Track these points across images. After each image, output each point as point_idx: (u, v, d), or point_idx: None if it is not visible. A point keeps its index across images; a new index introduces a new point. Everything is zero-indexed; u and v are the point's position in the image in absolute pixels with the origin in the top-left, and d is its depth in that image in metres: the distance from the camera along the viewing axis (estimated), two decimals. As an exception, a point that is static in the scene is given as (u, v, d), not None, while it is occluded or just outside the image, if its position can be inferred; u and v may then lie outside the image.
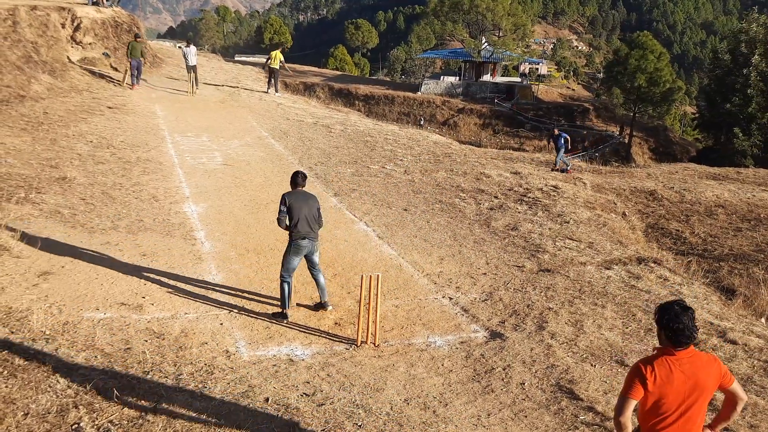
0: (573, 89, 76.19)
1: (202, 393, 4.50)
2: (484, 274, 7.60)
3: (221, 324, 5.78)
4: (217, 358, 5.10)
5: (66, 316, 5.37)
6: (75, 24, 18.29)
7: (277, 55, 20.42)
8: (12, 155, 9.66)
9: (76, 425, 3.83)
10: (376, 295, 5.62)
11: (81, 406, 4.02)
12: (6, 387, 4.05)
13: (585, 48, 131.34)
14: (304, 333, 5.81)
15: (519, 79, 57.20)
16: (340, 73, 65.58)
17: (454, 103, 46.95)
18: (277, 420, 4.27)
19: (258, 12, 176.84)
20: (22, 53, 14.54)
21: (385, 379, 5.06)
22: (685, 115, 63.18)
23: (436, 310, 6.50)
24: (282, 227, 5.93)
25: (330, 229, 8.50)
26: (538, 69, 69.96)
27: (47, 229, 7.29)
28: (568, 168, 14.86)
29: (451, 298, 6.83)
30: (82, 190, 8.86)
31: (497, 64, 54.41)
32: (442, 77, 54.42)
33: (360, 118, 21.57)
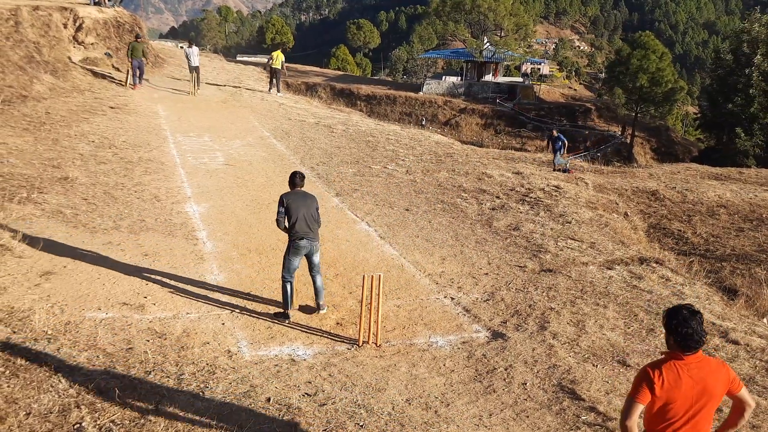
0: (575, 89, 76.20)
1: (203, 393, 4.50)
2: (486, 274, 7.59)
3: (223, 324, 5.78)
4: (219, 358, 5.10)
5: (68, 316, 5.38)
6: (77, 24, 18.33)
7: (279, 55, 20.44)
8: (14, 155, 9.67)
9: (78, 425, 3.84)
10: (378, 295, 5.62)
11: (83, 406, 4.02)
12: (8, 386, 4.06)
13: (587, 48, 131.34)
14: (306, 333, 5.81)
15: (521, 79, 57.18)
16: (342, 73, 65.65)
17: (456, 103, 46.95)
18: (278, 420, 4.27)
19: (260, 12, 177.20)
20: (25, 53, 14.57)
21: (387, 379, 5.06)
22: (687, 115, 63.17)
23: (438, 310, 6.50)
24: (281, 228, 5.92)
25: (332, 229, 8.50)
26: (540, 69, 69.97)
27: (49, 229, 7.29)
28: (568, 168, 14.86)
29: (452, 298, 6.83)
30: (84, 190, 8.87)
31: (499, 64, 54.39)
32: (444, 77, 54.47)
33: (362, 118, 21.56)
